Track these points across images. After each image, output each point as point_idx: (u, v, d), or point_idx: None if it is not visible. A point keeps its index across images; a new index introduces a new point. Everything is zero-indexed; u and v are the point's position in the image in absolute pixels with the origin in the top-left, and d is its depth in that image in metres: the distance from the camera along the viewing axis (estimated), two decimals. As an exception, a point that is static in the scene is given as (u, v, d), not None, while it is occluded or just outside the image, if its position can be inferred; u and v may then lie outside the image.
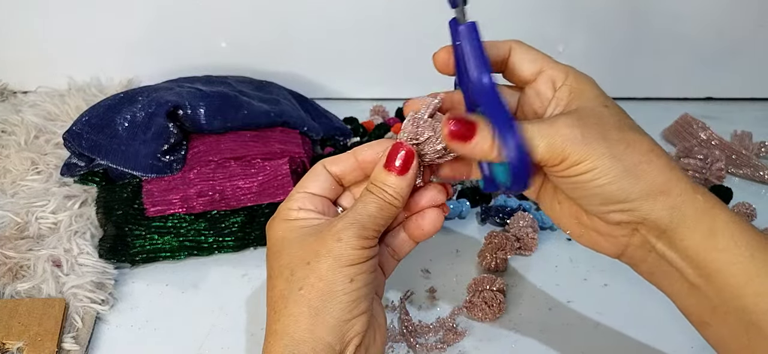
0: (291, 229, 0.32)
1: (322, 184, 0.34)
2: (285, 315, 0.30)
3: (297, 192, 0.34)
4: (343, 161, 0.35)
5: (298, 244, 0.31)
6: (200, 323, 0.46)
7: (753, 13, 0.83)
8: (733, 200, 0.63)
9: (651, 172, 0.29)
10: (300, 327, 0.29)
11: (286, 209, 0.33)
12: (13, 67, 0.79)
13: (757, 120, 0.84)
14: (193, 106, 0.57)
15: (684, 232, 0.29)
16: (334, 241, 0.30)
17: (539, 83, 0.34)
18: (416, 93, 0.94)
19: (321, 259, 0.30)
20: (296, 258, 0.31)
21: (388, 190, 0.32)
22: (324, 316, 0.29)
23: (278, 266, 0.31)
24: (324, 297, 0.29)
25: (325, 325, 0.29)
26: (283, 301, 0.30)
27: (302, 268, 0.30)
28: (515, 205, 0.59)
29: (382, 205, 0.32)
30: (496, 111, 0.30)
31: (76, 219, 0.53)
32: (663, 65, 0.87)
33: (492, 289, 0.47)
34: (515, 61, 0.34)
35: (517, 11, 0.79)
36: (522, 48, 0.34)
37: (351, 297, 0.30)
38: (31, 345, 0.41)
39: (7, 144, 0.64)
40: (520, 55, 0.34)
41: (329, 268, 0.30)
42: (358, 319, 0.30)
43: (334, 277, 0.30)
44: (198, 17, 0.76)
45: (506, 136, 0.29)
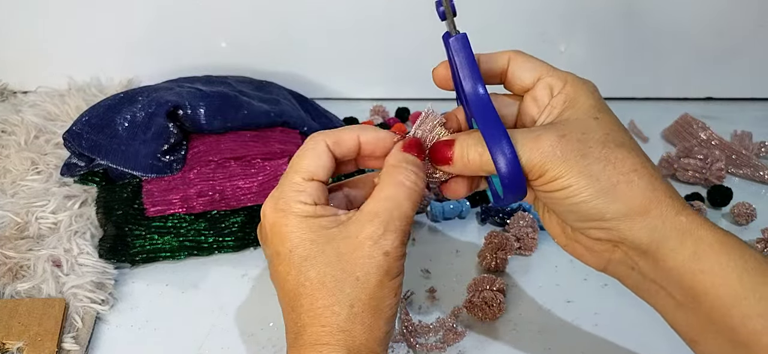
0: (314, 228, 0.30)
1: (327, 167, 0.32)
2: (337, 329, 0.29)
3: (304, 179, 0.31)
4: (345, 142, 0.33)
5: (332, 249, 0.30)
6: (200, 323, 0.46)
7: (753, 13, 0.83)
8: (733, 200, 0.63)
9: (629, 192, 0.29)
10: (357, 342, 0.29)
11: (298, 202, 0.31)
12: (13, 67, 0.79)
13: (757, 120, 0.84)
14: (193, 106, 0.57)
15: (666, 253, 0.28)
16: (382, 255, 0.29)
17: (537, 90, 0.33)
18: (416, 93, 0.95)
19: (370, 275, 0.29)
20: (338, 270, 0.29)
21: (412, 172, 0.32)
22: (375, 330, 0.30)
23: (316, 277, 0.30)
24: (375, 313, 0.30)
25: (376, 338, 0.30)
26: (334, 316, 0.29)
27: (351, 283, 0.29)
28: (515, 205, 0.59)
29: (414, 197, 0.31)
30: (485, 122, 0.31)
31: (76, 219, 0.53)
32: (663, 65, 0.87)
33: (492, 289, 0.47)
34: (514, 70, 0.34)
35: (517, 11, 0.79)
36: (521, 57, 0.34)
37: (393, 311, 0.31)
38: (31, 345, 0.41)
39: (7, 144, 0.64)
40: (519, 64, 0.34)
41: (379, 283, 0.29)
42: (393, 324, 0.32)
43: (383, 293, 0.30)
44: (198, 17, 0.76)
45: (494, 147, 0.30)
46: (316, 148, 0.32)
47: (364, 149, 0.34)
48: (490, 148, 0.30)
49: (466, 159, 0.32)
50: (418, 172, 0.32)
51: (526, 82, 0.34)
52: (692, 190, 0.66)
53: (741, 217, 0.60)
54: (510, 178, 0.30)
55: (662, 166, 0.69)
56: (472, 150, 0.31)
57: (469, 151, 0.32)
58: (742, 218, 0.60)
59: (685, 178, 0.68)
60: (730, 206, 0.62)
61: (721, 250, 0.28)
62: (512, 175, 0.29)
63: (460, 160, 0.32)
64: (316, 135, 0.33)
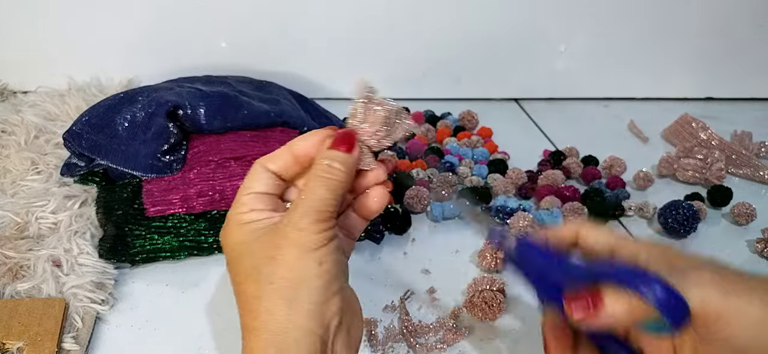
0: (246, 232, 0.32)
1: (265, 182, 0.34)
2: (262, 312, 0.29)
3: (242, 195, 0.34)
4: (279, 158, 0.35)
5: (257, 244, 0.31)
6: (200, 323, 0.46)
7: (753, 13, 0.83)
8: (733, 200, 0.63)
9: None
10: (277, 319, 0.29)
11: (237, 214, 0.33)
12: (13, 67, 0.79)
13: (757, 120, 0.84)
14: (193, 106, 0.57)
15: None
16: (296, 232, 0.30)
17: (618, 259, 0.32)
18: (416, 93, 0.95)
19: (285, 251, 0.30)
20: (259, 257, 0.30)
21: (335, 166, 0.32)
22: (299, 303, 0.29)
23: (243, 271, 0.31)
24: (296, 285, 0.29)
25: (302, 312, 0.29)
26: (257, 300, 0.30)
27: (268, 264, 0.30)
28: (515, 205, 0.59)
29: (331, 185, 0.32)
30: (617, 270, 0.28)
31: (76, 219, 0.53)
32: (663, 65, 0.87)
33: (492, 289, 0.47)
34: (587, 239, 0.33)
35: (518, 11, 0.79)
36: (588, 227, 0.33)
37: (323, 279, 0.30)
38: (31, 345, 0.41)
39: (7, 144, 0.64)
40: (589, 234, 0.33)
41: (296, 256, 0.30)
42: (333, 299, 0.30)
43: (302, 264, 0.30)
44: (198, 17, 0.76)
45: (643, 284, 0.27)
46: (253, 169, 0.34)
47: (303, 161, 0.35)
48: (638, 287, 0.27)
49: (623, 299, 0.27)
50: (334, 163, 0.32)
51: (600, 249, 0.33)
52: (692, 190, 0.66)
53: (741, 217, 0.60)
54: (673, 304, 0.27)
55: (662, 166, 0.69)
56: (623, 295, 0.27)
57: (622, 294, 0.28)
58: (742, 218, 0.60)
59: (685, 178, 0.68)
60: (730, 206, 0.62)
61: None
62: (672, 299, 0.27)
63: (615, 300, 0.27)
64: (256, 161, 0.35)
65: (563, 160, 0.69)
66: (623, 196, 0.63)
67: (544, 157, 0.71)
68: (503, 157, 0.70)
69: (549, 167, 0.68)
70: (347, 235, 0.36)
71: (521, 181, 0.64)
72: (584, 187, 0.66)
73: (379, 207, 0.35)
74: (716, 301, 0.27)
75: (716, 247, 0.58)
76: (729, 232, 0.60)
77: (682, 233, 0.57)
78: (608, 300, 0.27)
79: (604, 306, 0.27)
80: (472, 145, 0.72)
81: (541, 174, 0.66)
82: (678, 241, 0.58)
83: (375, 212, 0.36)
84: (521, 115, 0.85)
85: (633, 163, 0.70)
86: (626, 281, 0.27)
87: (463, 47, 0.81)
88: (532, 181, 0.65)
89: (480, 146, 0.72)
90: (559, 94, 0.89)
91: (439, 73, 0.84)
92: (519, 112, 0.86)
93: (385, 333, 0.45)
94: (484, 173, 0.65)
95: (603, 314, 0.27)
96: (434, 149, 0.69)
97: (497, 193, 0.62)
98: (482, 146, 0.72)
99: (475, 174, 0.65)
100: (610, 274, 0.28)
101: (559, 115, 0.85)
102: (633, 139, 0.79)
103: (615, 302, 0.27)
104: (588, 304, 0.28)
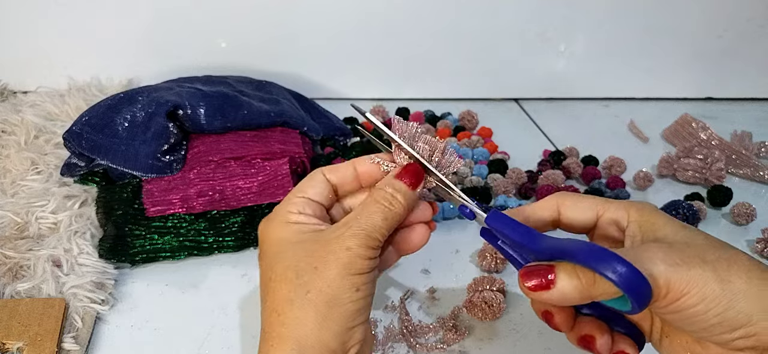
0: (292, 231, 0.32)
1: (320, 190, 0.35)
2: (291, 318, 0.29)
3: (295, 196, 0.34)
4: (341, 170, 0.35)
5: (301, 247, 0.31)
6: (200, 323, 0.46)
7: (753, 13, 0.83)
8: (733, 200, 0.63)
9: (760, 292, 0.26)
10: (306, 331, 0.29)
11: (286, 212, 0.33)
12: (13, 67, 0.79)
13: (757, 120, 0.84)
14: (193, 106, 0.57)
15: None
16: (344, 250, 0.30)
17: (604, 228, 0.32)
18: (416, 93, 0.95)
19: (329, 266, 0.30)
20: (302, 262, 0.30)
21: (398, 198, 0.32)
22: (330, 322, 0.29)
23: (281, 268, 0.31)
24: (331, 303, 0.29)
25: (331, 331, 0.29)
26: (289, 304, 0.30)
27: (309, 272, 0.30)
28: (515, 205, 0.59)
29: (389, 215, 0.32)
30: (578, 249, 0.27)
31: (76, 219, 0.53)
32: (663, 65, 0.87)
33: (492, 289, 0.47)
34: (568, 215, 0.33)
35: (518, 11, 0.79)
36: (569, 200, 0.33)
37: (356, 306, 0.30)
38: (31, 345, 0.41)
39: (7, 144, 0.64)
40: (570, 207, 0.33)
41: (338, 275, 0.30)
42: (359, 327, 0.30)
43: (342, 284, 0.30)
44: (198, 17, 0.76)
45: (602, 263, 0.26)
46: (313, 175, 0.35)
47: (363, 179, 0.36)
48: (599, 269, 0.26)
49: (575, 279, 0.27)
50: (397, 194, 0.33)
51: (587, 220, 0.33)
52: (692, 190, 0.66)
53: (741, 217, 0.60)
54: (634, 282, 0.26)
55: (662, 166, 0.69)
56: (580, 272, 0.27)
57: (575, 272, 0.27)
58: (742, 218, 0.60)
59: (685, 178, 0.68)
60: (730, 206, 0.62)
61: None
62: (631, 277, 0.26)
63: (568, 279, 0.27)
64: (317, 169, 0.36)
65: (563, 160, 0.69)
66: (623, 196, 0.63)
67: (544, 157, 0.71)
68: (503, 157, 0.70)
69: (549, 167, 0.68)
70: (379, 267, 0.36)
71: (521, 181, 0.64)
72: (584, 187, 0.66)
73: (418, 245, 0.36)
74: (666, 274, 0.26)
75: (716, 247, 0.58)
76: (729, 232, 0.60)
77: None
78: (560, 277, 0.27)
79: (555, 283, 0.27)
80: (472, 145, 0.72)
81: (541, 174, 0.66)
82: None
83: (413, 249, 0.36)
84: (521, 115, 0.85)
85: (633, 163, 0.70)
86: (586, 260, 0.27)
87: (463, 47, 0.81)
88: (532, 181, 0.65)
89: (480, 146, 0.72)
90: (559, 94, 0.89)
91: (439, 73, 0.84)
92: (519, 112, 0.86)
93: (385, 333, 0.45)
94: (484, 173, 0.65)
95: (555, 291, 0.27)
96: (434, 149, 0.69)
97: (497, 193, 0.62)
98: (482, 146, 0.72)
99: (475, 174, 0.65)
100: (571, 251, 0.28)
101: (559, 115, 0.85)
102: (633, 139, 0.79)
103: (567, 280, 0.27)
104: (541, 280, 0.28)
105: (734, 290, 0.26)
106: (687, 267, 0.26)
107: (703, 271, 0.26)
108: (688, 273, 0.26)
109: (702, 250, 0.27)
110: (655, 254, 0.27)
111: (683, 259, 0.27)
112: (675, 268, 0.26)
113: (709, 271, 0.26)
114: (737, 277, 0.26)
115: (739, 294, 0.26)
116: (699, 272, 0.26)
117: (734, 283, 0.26)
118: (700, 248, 0.28)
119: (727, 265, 0.27)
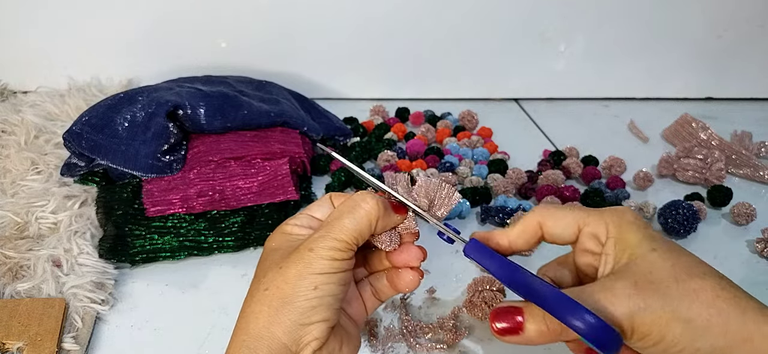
0: (282, 240, 0.34)
1: (324, 211, 0.36)
2: (247, 312, 0.31)
3: (301, 212, 0.36)
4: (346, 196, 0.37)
5: (280, 252, 0.33)
6: (200, 323, 0.46)
7: (753, 13, 0.83)
8: (733, 200, 0.63)
9: (724, 323, 0.27)
10: (258, 324, 0.30)
11: (285, 224, 0.35)
12: (13, 67, 0.79)
13: (757, 120, 0.84)
14: (193, 106, 0.57)
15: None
16: (306, 251, 0.31)
17: (584, 242, 0.33)
18: (416, 93, 0.95)
19: (291, 265, 0.31)
20: (273, 263, 0.32)
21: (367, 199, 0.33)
22: (281, 316, 0.30)
23: (259, 271, 0.33)
24: (284, 299, 0.30)
25: (282, 326, 0.30)
26: (249, 299, 0.31)
27: (273, 271, 0.31)
28: (515, 205, 0.59)
29: (356, 215, 0.32)
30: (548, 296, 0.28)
31: (76, 219, 0.53)
32: (663, 65, 0.87)
33: (492, 289, 0.47)
34: (551, 230, 0.34)
35: (518, 11, 0.79)
36: (551, 216, 0.33)
37: (311, 303, 0.30)
38: (31, 345, 0.41)
39: (7, 144, 0.64)
40: (551, 224, 0.33)
41: (297, 273, 0.30)
42: (315, 325, 0.30)
43: (299, 282, 0.30)
44: (198, 17, 0.76)
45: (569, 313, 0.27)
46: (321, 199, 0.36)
47: None
48: (566, 320, 0.27)
49: (544, 326, 0.29)
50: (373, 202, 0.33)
51: (568, 237, 0.33)
52: (692, 190, 0.66)
53: (741, 217, 0.60)
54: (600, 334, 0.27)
55: (662, 166, 0.69)
56: (548, 319, 0.29)
57: (544, 319, 0.29)
58: (742, 218, 0.60)
59: (685, 178, 0.68)
60: (730, 206, 0.62)
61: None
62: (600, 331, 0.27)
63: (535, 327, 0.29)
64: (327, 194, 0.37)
65: (563, 160, 0.69)
66: (623, 196, 0.63)
67: (544, 157, 0.71)
68: (503, 157, 0.70)
69: (549, 167, 0.68)
70: (374, 294, 0.38)
71: (521, 181, 0.64)
72: (584, 187, 0.66)
73: (406, 289, 0.37)
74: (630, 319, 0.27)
75: (716, 247, 0.58)
76: (729, 232, 0.60)
77: (682, 233, 0.57)
78: (528, 323, 0.30)
79: (523, 329, 0.30)
80: (472, 145, 0.72)
81: (541, 174, 0.66)
82: (678, 241, 0.58)
83: (402, 291, 0.37)
84: (521, 115, 0.85)
85: (633, 163, 0.70)
86: (554, 309, 0.28)
87: (463, 47, 0.81)
88: (532, 181, 0.65)
89: (480, 146, 0.72)
90: (559, 94, 0.89)
91: (439, 73, 0.84)
92: (519, 112, 0.86)
93: (385, 333, 0.45)
94: (484, 173, 0.65)
95: (523, 336, 0.30)
96: (434, 149, 0.69)
97: (497, 193, 0.62)
98: (482, 146, 0.72)
99: (475, 174, 0.65)
100: (542, 297, 0.29)
101: (559, 115, 0.85)
102: (633, 139, 0.79)
103: (534, 326, 0.29)
104: (510, 324, 0.30)
105: (696, 328, 0.27)
106: (650, 310, 0.27)
107: (664, 311, 0.27)
108: (651, 316, 0.27)
109: (667, 283, 0.28)
110: (621, 294, 0.28)
111: (646, 299, 0.28)
112: (638, 312, 0.27)
113: (669, 312, 0.27)
114: (701, 311, 0.27)
115: (700, 330, 0.27)
116: (659, 314, 0.27)
117: (695, 321, 0.27)
118: (666, 282, 0.28)
119: (692, 299, 0.27)
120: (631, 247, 0.30)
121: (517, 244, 0.34)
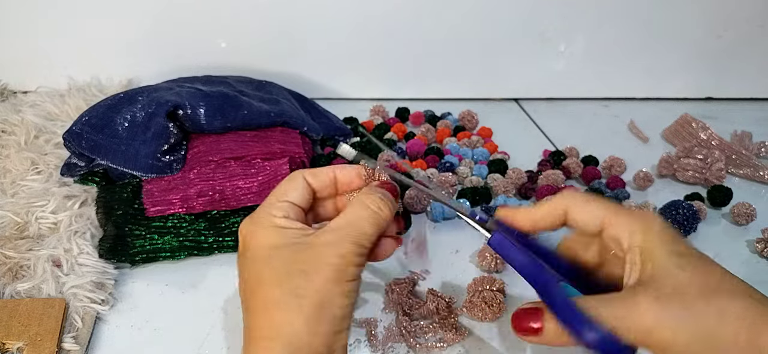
0: (281, 236, 0.32)
1: (301, 194, 0.35)
2: (282, 322, 0.30)
3: (278, 200, 0.34)
4: (321, 175, 0.36)
5: (291, 252, 0.31)
6: (200, 323, 0.46)
7: (753, 13, 0.83)
8: (733, 200, 0.63)
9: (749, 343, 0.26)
10: (298, 334, 0.29)
11: (270, 216, 0.33)
12: (13, 67, 0.79)
13: (757, 120, 0.84)
14: (193, 106, 0.57)
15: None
16: (336, 257, 0.31)
17: (607, 242, 0.33)
18: (416, 93, 0.95)
19: (321, 272, 0.30)
20: (293, 267, 0.31)
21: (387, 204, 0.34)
22: (320, 325, 0.30)
23: (270, 272, 0.31)
24: (321, 307, 0.30)
25: (319, 334, 0.30)
26: (277, 307, 0.30)
27: (299, 277, 0.30)
28: (515, 205, 0.59)
29: (377, 221, 0.33)
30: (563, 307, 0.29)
31: (76, 219, 0.53)
32: (663, 65, 0.87)
33: (492, 289, 0.47)
34: (575, 220, 0.34)
35: (518, 11, 0.79)
36: (578, 206, 0.33)
37: (344, 312, 0.31)
38: (31, 345, 0.41)
39: (7, 144, 0.64)
40: (577, 213, 0.33)
41: (328, 281, 0.30)
42: (344, 333, 0.31)
43: (332, 290, 0.30)
44: (198, 17, 0.76)
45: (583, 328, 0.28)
46: (293, 177, 0.36)
47: (341, 186, 0.37)
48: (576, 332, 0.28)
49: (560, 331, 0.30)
50: (384, 200, 0.34)
51: (591, 230, 0.33)
52: (692, 190, 0.66)
53: (741, 217, 0.60)
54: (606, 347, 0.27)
55: (662, 166, 0.69)
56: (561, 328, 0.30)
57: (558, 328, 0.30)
58: (742, 218, 0.60)
59: (685, 178, 0.68)
60: (730, 206, 0.62)
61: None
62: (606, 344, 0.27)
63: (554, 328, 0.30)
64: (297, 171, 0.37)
65: (563, 160, 0.69)
66: (623, 196, 0.63)
67: (544, 157, 0.71)
68: (503, 157, 0.70)
69: (549, 167, 0.68)
70: None
71: (521, 181, 0.64)
72: (584, 187, 0.66)
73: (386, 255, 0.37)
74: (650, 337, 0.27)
75: (716, 247, 0.58)
76: (729, 232, 0.60)
77: (682, 233, 0.57)
78: (547, 327, 0.30)
79: (543, 332, 0.30)
80: (472, 145, 0.72)
81: (541, 174, 0.66)
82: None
83: (382, 258, 0.37)
84: (521, 115, 0.85)
85: (633, 163, 0.70)
86: (566, 320, 0.29)
87: (463, 47, 0.81)
88: (532, 181, 0.65)
89: (480, 146, 0.72)
90: (559, 94, 0.89)
91: (439, 73, 0.84)
92: (519, 112, 0.86)
93: (385, 333, 0.45)
94: (484, 173, 0.65)
95: (542, 338, 0.31)
96: (434, 149, 0.69)
97: (497, 193, 0.62)
98: (482, 146, 0.72)
99: (475, 174, 0.65)
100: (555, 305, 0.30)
101: (559, 115, 0.85)
102: (633, 139, 0.79)
103: (553, 332, 0.30)
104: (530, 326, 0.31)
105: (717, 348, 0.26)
106: (670, 327, 0.27)
107: (686, 329, 0.27)
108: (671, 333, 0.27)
109: (692, 300, 0.27)
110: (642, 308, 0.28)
111: (667, 315, 0.27)
112: (658, 328, 0.27)
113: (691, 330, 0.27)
114: (727, 331, 0.26)
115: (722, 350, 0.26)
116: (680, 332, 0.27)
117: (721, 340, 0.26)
118: (690, 298, 0.27)
119: (719, 317, 0.26)
120: (656, 259, 0.30)
121: (539, 226, 0.34)
